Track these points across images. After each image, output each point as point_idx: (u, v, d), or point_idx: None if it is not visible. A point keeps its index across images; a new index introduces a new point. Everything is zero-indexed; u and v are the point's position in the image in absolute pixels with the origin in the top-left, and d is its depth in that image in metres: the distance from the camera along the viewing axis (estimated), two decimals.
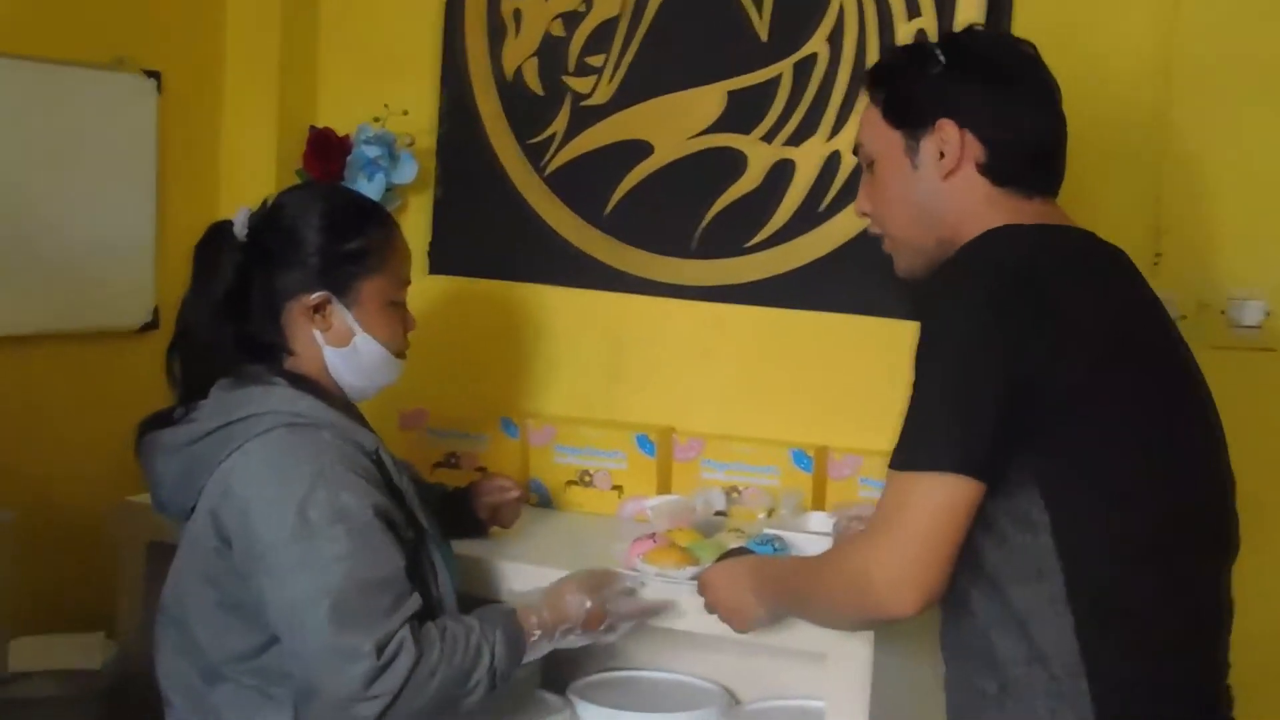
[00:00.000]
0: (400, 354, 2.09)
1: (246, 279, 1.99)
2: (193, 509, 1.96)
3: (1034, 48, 1.83)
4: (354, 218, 2.05)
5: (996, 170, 1.77)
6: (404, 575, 1.88)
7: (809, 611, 1.84)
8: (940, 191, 1.79)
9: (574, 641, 2.03)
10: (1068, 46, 2.40)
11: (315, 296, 2.00)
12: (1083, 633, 1.59)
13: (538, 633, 1.97)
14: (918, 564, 1.56)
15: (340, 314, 2.02)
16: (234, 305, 1.99)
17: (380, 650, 1.81)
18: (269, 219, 2.04)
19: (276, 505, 1.86)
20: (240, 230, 2.02)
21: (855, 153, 1.92)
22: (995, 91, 1.78)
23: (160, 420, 2.02)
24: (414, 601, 1.88)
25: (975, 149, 1.76)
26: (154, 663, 2.05)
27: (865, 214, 1.92)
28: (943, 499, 1.56)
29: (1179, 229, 2.36)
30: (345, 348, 2.02)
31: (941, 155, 1.77)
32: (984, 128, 1.76)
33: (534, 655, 1.99)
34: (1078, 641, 1.59)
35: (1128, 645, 1.61)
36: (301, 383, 1.99)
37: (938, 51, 1.80)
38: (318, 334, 2.02)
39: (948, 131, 1.77)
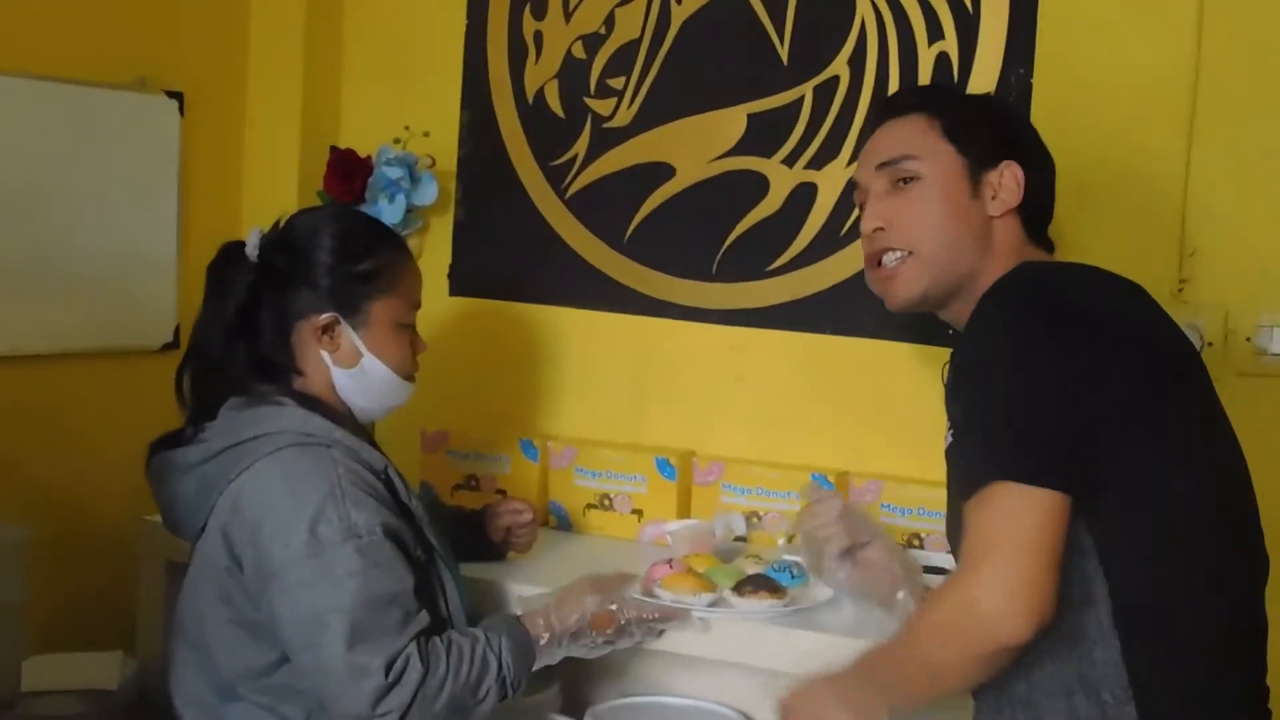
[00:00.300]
0: (409, 377, 2.10)
1: (257, 299, 2.01)
2: (203, 528, 1.97)
3: None
4: (364, 239, 2.07)
5: (1030, 217, 1.84)
6: (412, 593, 1.90)
7: (915, 683, 1.65)
8: (987, 227, 1.82)
9: (588, 648, 2.04)
10: (1091, 68, 2.40)
11: (324, 317, 2.02)
12: (1129, 656, 1.57)
13: (545, 636, 1.98)
14: (1027, 585, 1.50)
15: (348, 335, 2.03)
16: (245, 325, 2.01)
17: (389, 668, 1.82)
18: (280, 240, 2.06)
19: (288, 523, 1.87)
20: (252, 251, 2.03)
21: (881, 167, 1.87)
22: (1038, 146, 1.89)
23: (171, 441, 2.04)
24: (422, 619, 1.89)
25: (1019, 195, 1.83)
26: (169, 681, 2.05)
27: (882, 228, 1.87)
28: (1040, 515, 1.52)
29: (1203, 255, 2.33)
30: (353, 369, 2.04)
31: (994, 195, 1.82)
32: (1031, 176, 1.84)
33: (546, 660, 2.00)
34: (1125, 667, 1.58)
35: (1175, 667, 1.59)
36: (311, 402, 2.00)
37: (988, 98, 1.91)
38: (325, 355, 2.03)
39: (1013, 173, 1.83)
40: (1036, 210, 1.86)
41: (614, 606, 2.04)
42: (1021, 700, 1.64)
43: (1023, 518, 1.51)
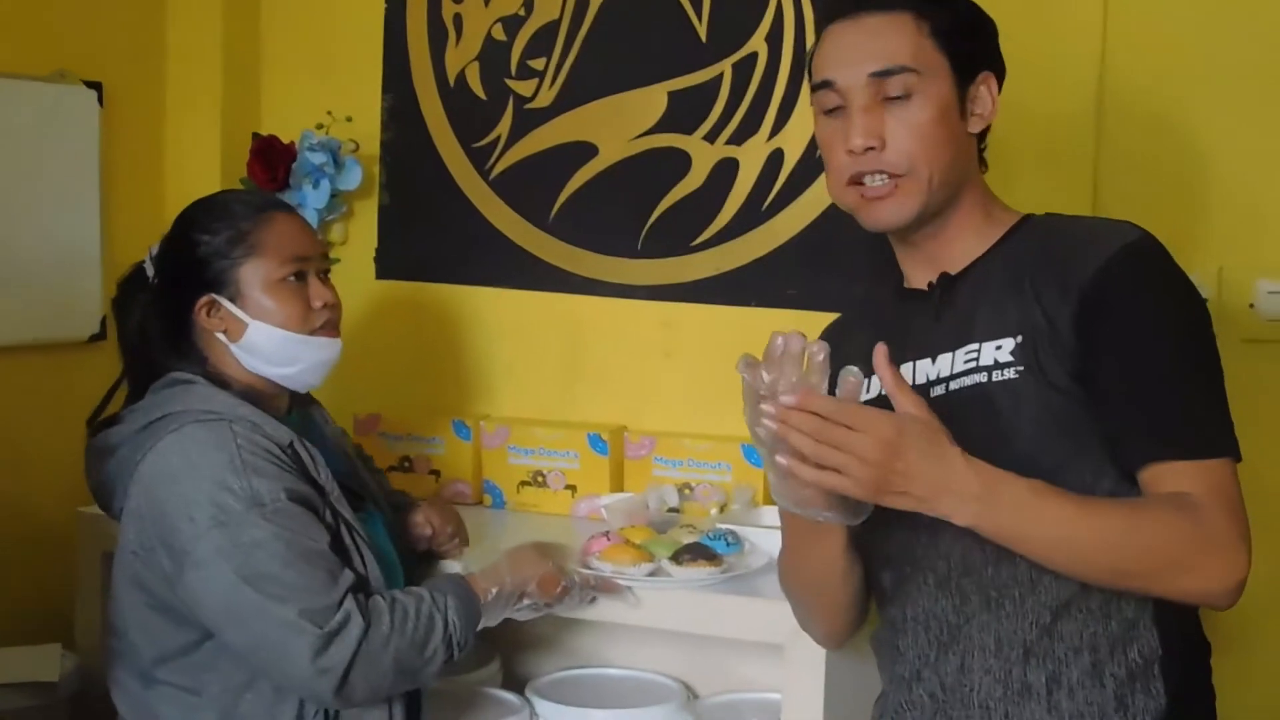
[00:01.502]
0: (310, 331, 2.05)
1: (150, 314, 2.07)
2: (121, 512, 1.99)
3: None
4: (220, 213, 2.07)
5: (984, 134, 1.75)
6: (332, 552, 1.90)
7: (1089, 537, 1.52)
8: (968, 144, 1.72)
9: (528, 610, 2.05)
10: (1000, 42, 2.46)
11: (202, 300, 2.03)
12: (1160, 613, 1.60)
13: (494, 590, 1.98)
14: (1249, 562, 1.53)
15: (228, 309, 2.03)
16: (146, 342, 2.08)
17: (319, 622, 1.82)
18: (164, 246, 2.10)
19: (190, 498, 1.88)
20: (150, 270, 2.09)
21: (876, 76, 1.65)
22: (999, 53, 1.76)
23: (106, 424, 2.05)
24: (349, 574, 1.90)
25: (994, 112, 1.73)
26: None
27: (874, 147, 1.67)
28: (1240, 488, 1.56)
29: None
30: (243, 340, 2.03)
31: (974, 111, 1.71)
32: (999, 85, 1.74)
33: (490, 619, 1.99)
34: (1156, 626, 1.60)
35: (1200, 632, 1.66)
36: (221, 381, 2.02)
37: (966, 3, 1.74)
38: (221, 337, 2.04)
39: (991, 85, 1.72)
40: (988, 127, 1.75)
41: (560, 571, 2.06)
42: (1041, 654, 1.61)
43: (1243, 498, 1.55)
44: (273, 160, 2.87)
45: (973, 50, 1.71)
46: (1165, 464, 1.54)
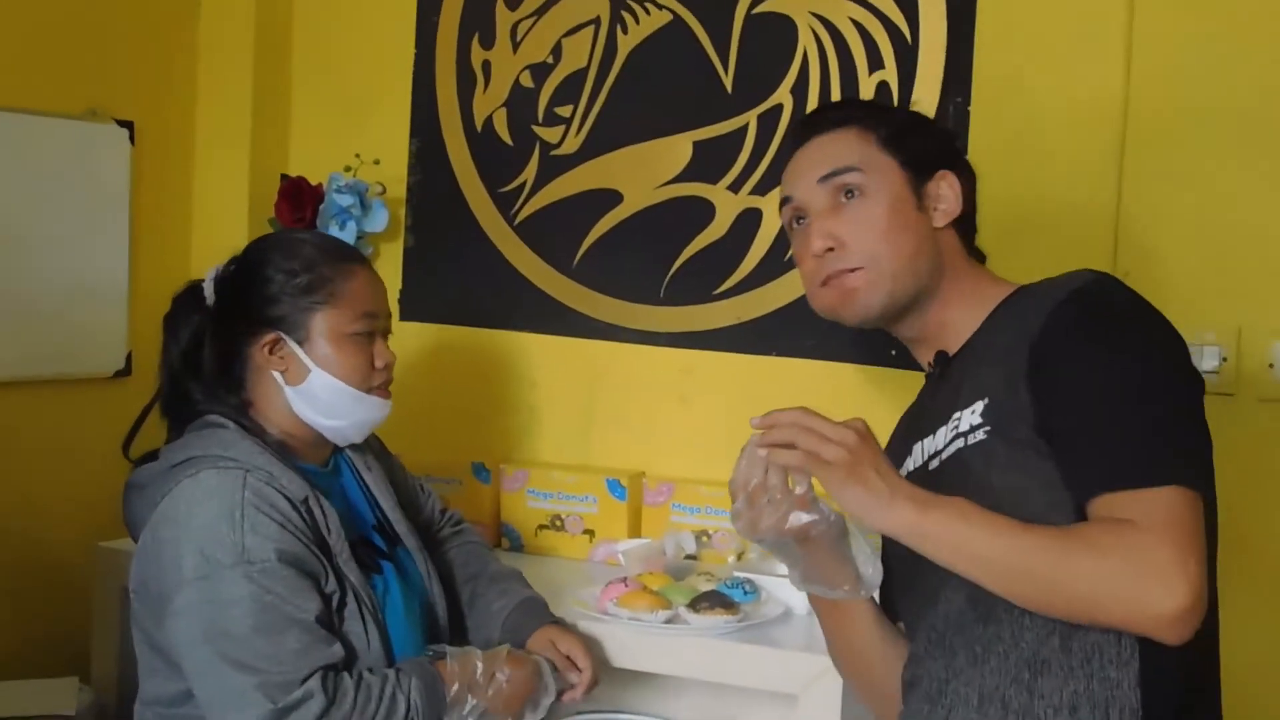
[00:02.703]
0: (368, 389, 2.04)
1: (203, 338, 2.02)
2: None
3: None
4: (302, 255, 2.04)
5: (966, 227, 1.82)
6: (317, 623, 1.86)
7: (1015, 557, 1.53)
8: (933, 240, 1.78)
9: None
10: (1026, 96, 2.48)
11: (268, 337, 2.01)
12: (1146, 677, 1.57)
13: (456, 685, 1.94)
14: (1204, 598, 1.47)
15: (293, 351, 2.01)
16: (192, 367, 2.03)
17: (274, 696, 1.80)
18: (230, 273, 2.07)
19: (184, 545, 1.86)
20: (209, 294, 2.05)
21: (824, 179, 1.77)
22: (962, 157, 1.87)
23: (144, 460, 2.04)
24: (330, 651, 1.86)
25: (961, 203, 1.80)
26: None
27: (835, 245, 1.76)
28: (1201, 520, 1.51)
29: (1136, 278, 2.41)
30: (301, 385, 2.01)
31: (935, 206, 1.78)
32: (965, 185, 1.81)
33: (456, 711, 1.94)
34: (1140, 688, 1.56)
35: (1189, 695, 1.60)
36: (252, 429, 2.00)
37: (912, 110, 1.86)
38: (277, 376, 2.01)
39: (951, 181, 1.79)
40: (970, 221, 1.84)
41: (535, 674, 2.03)
42: (1020, 711, 1.60)
43: (1200, 526, 1.50)
44: (300, 201, 2.90)
45: (924, 149, 1.81)
46: (1109, 495, 1.52)
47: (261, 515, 1.87)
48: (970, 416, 1.67)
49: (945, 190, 1.79)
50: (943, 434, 1.71)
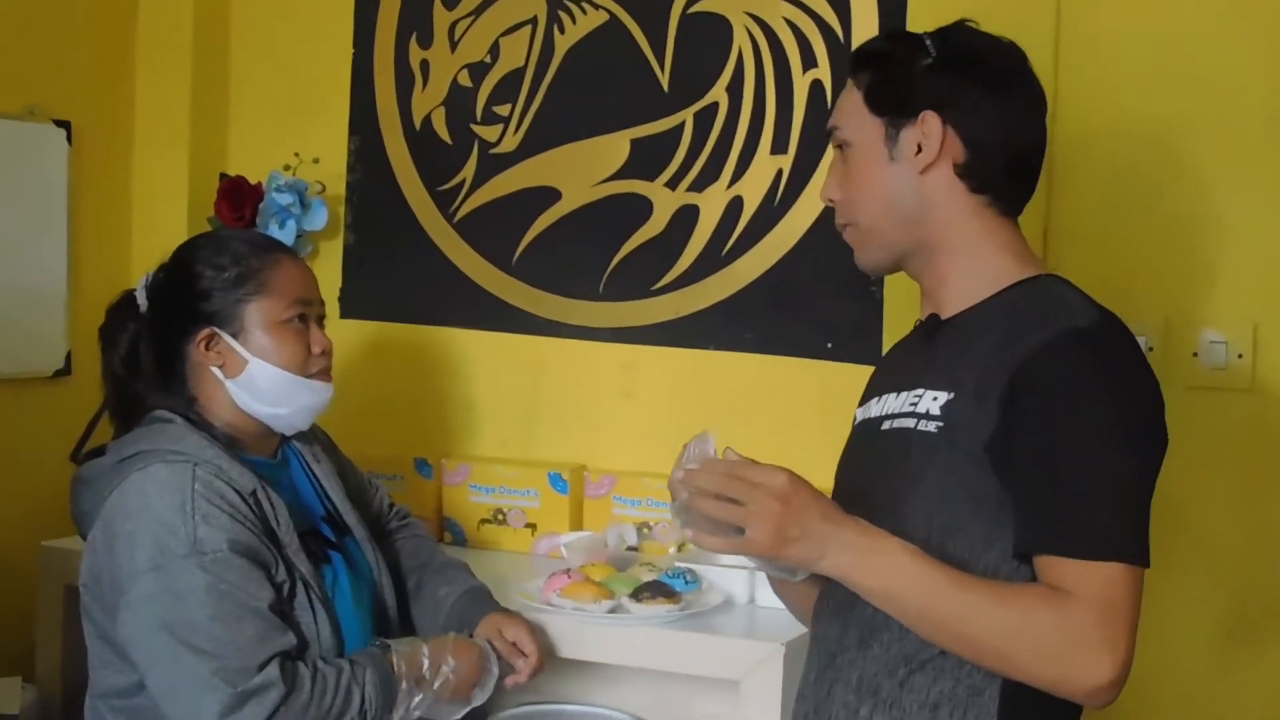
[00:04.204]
0: (308, 374, 2.06)
1: (139, 344, 2.05)
2: None
3: (1024, 55, 1.78)
4: (228, 250, 2.07)
5: (974, 174, 1.72)
6: (270, 611, 1.88)
7: (942, 615, 1.57)
8: (917, 187, 1.72)
9: (445, 708, 2.03)
10: None
11: (202, 333, 2.02)
12: (1007, 689, 1.60)
13: (404, 683, 1.96)
14: (1126, 663, 1.51)
15: (229, 344, 2.02)
16: (133, 372, 2.05)
17: (233, 681, 1.81)
18: (161, 277, 2.09)
19: (136, 537, 1.87)
20: (141, 298, 2.07)
21: (829, 135, 1.80)
22: (985, 91, 1.72)
23: (91, 455, 2.05)
24: (286, 639, 1.88)
25: (956, 148, 1.71)
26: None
27: (832, 201, 1.80)
28: (1139, 595, 1.54)
29: (1066, 269, 2.48)
30: (241, 377, 2.02)
31: (919, 149, 1.71)
32: (969, 127, 1.71)
33: (404, 704, 1.96)
34: (1000, 698, 1.61)
35: (1046, 711, 1.63)
36: (199, 423, 2.01)
37: (928, 42, 1.74)
38: (217, 372, 2.03)
39: (930, 124, 1.70)
40: (978, 163, 1.71)
41: (483, 657, 2.06)
42: (889, 701, 1.65)
43: (1137, 602, 1.53)
44: (240, 200, 2.90)
45: (903, 93, 1.73)
46: (1054, 558, 1.54)
47: (212, 506, 1.89)
48: (931, 402, 1.67)
49: (924, 134, 1.71)
50: (904, 398, 1.72)
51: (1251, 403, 2.40)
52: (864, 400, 1.88)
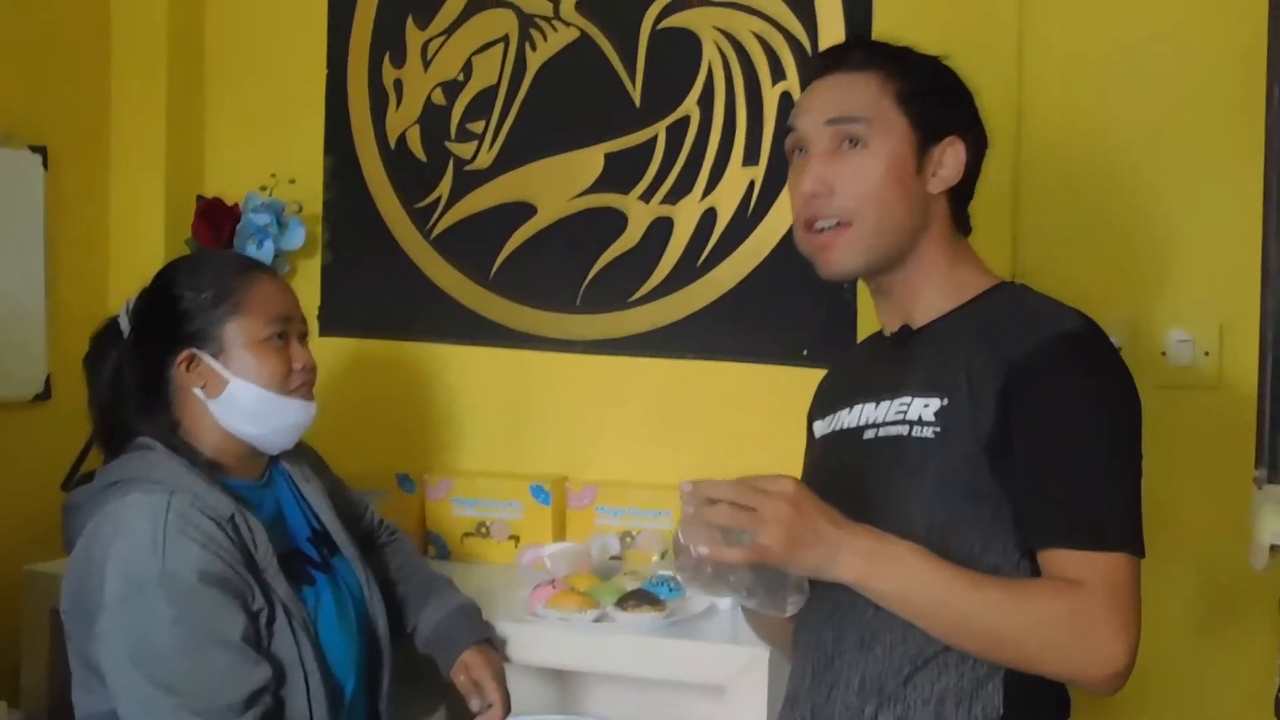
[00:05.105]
0: (288, 391, 2.07)
1: (122, 367, 2.06)
2: None
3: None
4: (206, 271, 2.08)
5: (961, 198, 1.81)
6: (244, 643, 1.88)
7: (960, 610, 1.60)
8: (925, 204, 1.77)
9: None
10: None
11: (183, 355, 2.03)
12: (1010, 679, 1.65)
13: None
14: (1136, 649, 1.58)
15: (209, 364, 2.03)
16: (119, 397, 2.06)
17: (202, 715, 1.82)
18: (142, 301, 2.10)
19: (108, 566, 1.87)
20: (124, 323, 2.08)
21: (830, 123, 1.77)
22: (978, 123, 1.83)
23: (81, 481, 2.06)
24: (256, 673, 1.88)
25: (962, 172, 1.79)
26: None
27: (825, 190, 1.76)
28: (1139, 583, 1.61)
29: (1036, 274, 2.52)
30: (222, 397, 2.03)
31: (935, 172, 1.77)
32: (972, 155, 1.80)
33: None
34: (1004, 689, 1.65)
35: (1048, 701, 1.69)
36: (182, 448, 2.02)
37: (946, 69, 1.83)
38: (199, 392, 2.04)
39: (958, 149, 1.77)
40: (965, 188, 1.82)
41: None
42: (893, 697, 1.68)
43: (1139, 591, 1.60)
44: (218, 221, 2.92)
45: (938, 113, 1.78)
46: (1061, 550, 1.60)
47: (184, 537, 1.88)
48: (923, 409, 1.70)
49: (949, 157, 1.78)
50: (886, 408, 1.75)
51: (1219, 399, 2.44)
52: (826, 411, 1.91)
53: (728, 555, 1.58)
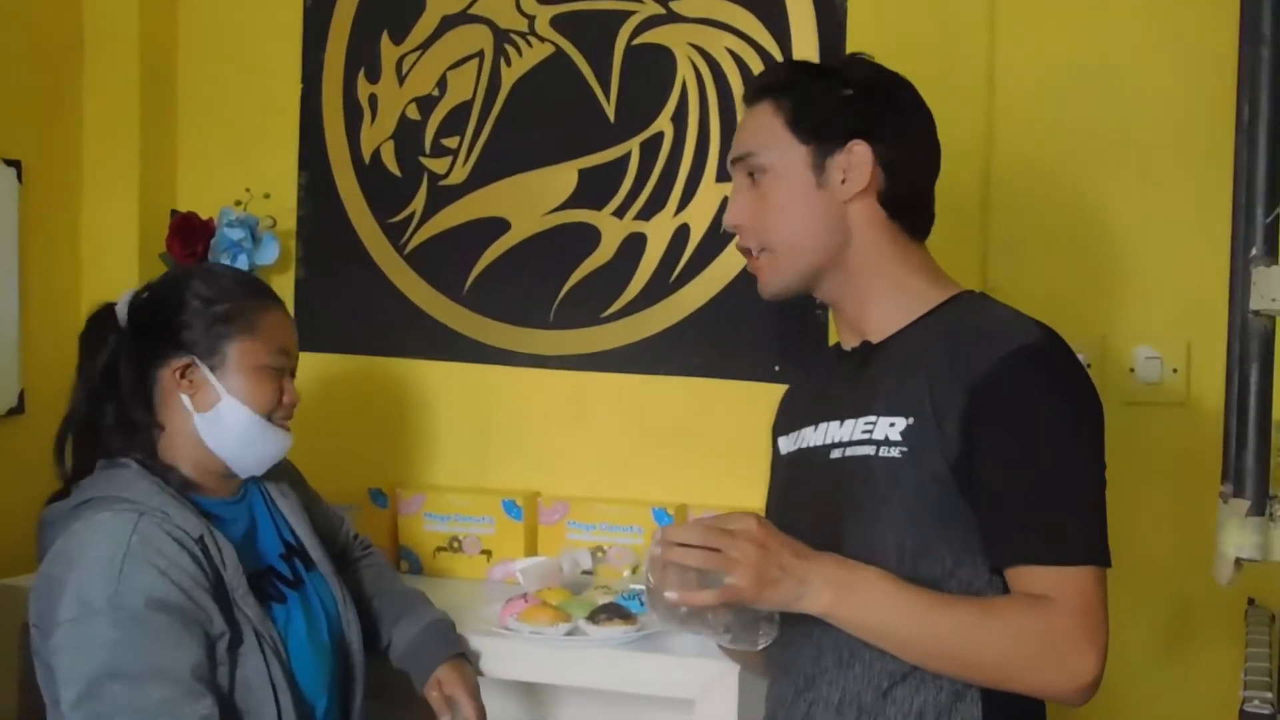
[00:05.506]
0: (274, 421, 2.08)
1: (119, 359, 2.04)
2: None
3: (911, 84, 1.86)
4: (223, 285, 2.08)
5: (893, 201, 1.79)
6: (190, 674, 1.85)
7: (935, 635, 1.63)
8: (840, 214, 1.78)
9: None
10: None
11: (181, 360, 2.03)
12: (987, 694, 1.67)
13: None
14: (1105, 660, 1.59)
15: (206, 377, 2.03)
16: (110, 385, 2.04)
17: None
18: (146, 298, 2.10)
19: (65, 586, 1.86)
20: (122, 314, 2.07)
21: (735, 162, 1.83)
22: (902, 120, 1.81)
23: (57, 496, 2.05)
24: (194, 708, 1.84)
25: (878, 176, 1.77)
26: None
27: (737, 226, 1.83)
28: (1106, 595, 1.62)
29: (1005, 290, 2.53)
30: (210, 412, 2.03)
31: (844, 179, 1.77)
32: (890, 155, 1.77)
33: None
34: (981, 703, 1.67)
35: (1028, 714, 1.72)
36: (157, 466, 2.01)
37: (848, 72, 1.82)
38: (186, 400, 2.03)
39: (859, 153, 1.76)
40: (897, 189, 1.79)
41: None
42: (873, 713, 1.69)
43: (1106, 602, 1.62)
44: (191, 236, 2.91)
45: (832, 122, 1.78)
46: (1028, 567, 1.62)
47: (143, 562, 1.87)
48: (889, 429, 1.71)
49: (853, 161, 1.77)
50: (851, 427, 1.76)
51: (1186, 416, 2.47)
52: (790, 428, 1.92)
53: (700, 599, 1.60)
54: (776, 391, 2.59)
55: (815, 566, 1.61)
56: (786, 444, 1.92)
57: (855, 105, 1.79)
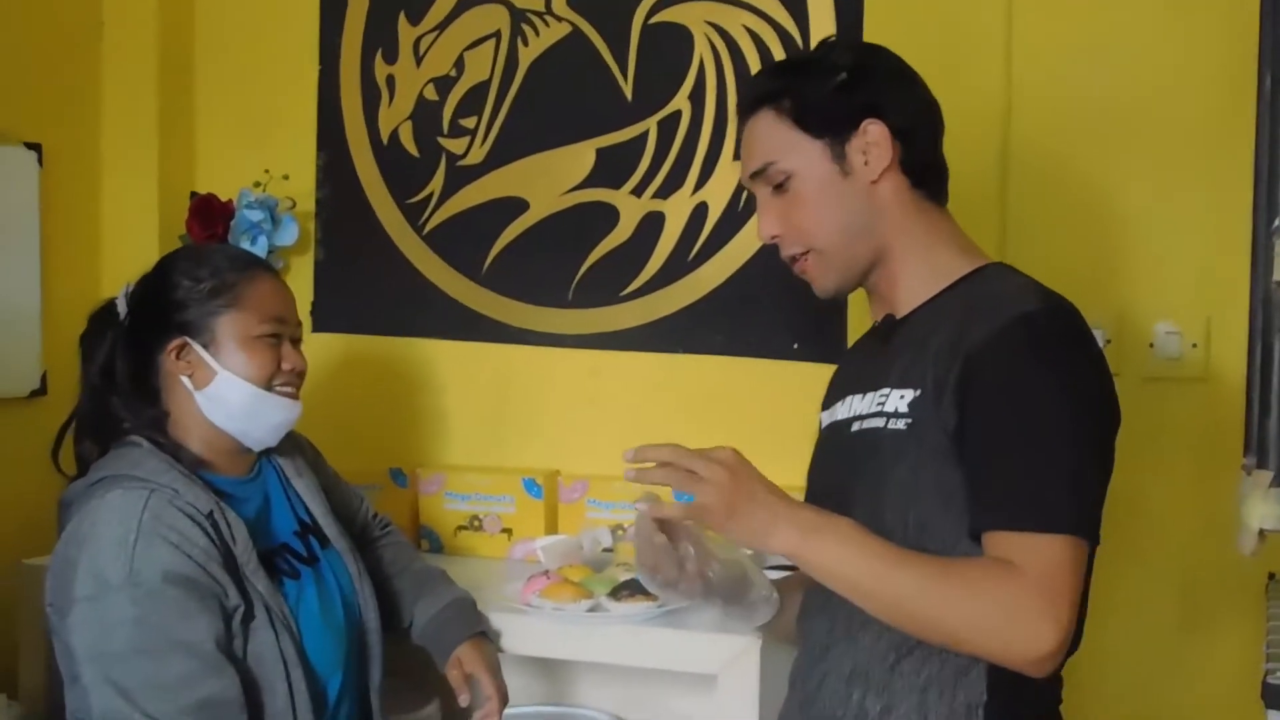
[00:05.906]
0: (275, 389, 2.07)
1: (116, 352, 2.06)
2: None
3: (888, 49, 1.87)
4: (208, 263, 2.09)
5: (913, 166, 1.80)
6: (212, 647, 1.87)
7: (893, 588, 1.61)
8: (871, 197, 1.79)
9: None
10: None
11: (174, 342, 2.04)
12: (993, 668, 1.65)
13: None
14: (1070, 636, 1.56)
15: (199, 354, 2.04)
16: (111, 381, 2.06)
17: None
18: (141, 288, 2.12)
19: (80, 564, 1.88)
20: (122, 309, 2.09)
21: (754, 176, 1.83)
22: (901, 86, 1.83)
23: (77, 476, 2.06)
24: (218, 683, 1.86)
25: (895, 147, 1.78)
26: None
27: (775, 237, 1.84)
28: (1083, 568, 1.59)
29: (1024, 266, 2.53)
30: (209, 389, 2.03)
31: (866, 160, 1.77)
32: (901, 122, 1.78)
33: None
34: (986, 677, 1.66)
35: (1030, 690, 1.67)
36: (166, 444, 2.02)
37: (831, 59, 1.82)
38: (186, 381, 2.04)
39: (874, 131, 1.77)
40: (914, 154, 1.80)
41: None
42: (880, 686, 1.70)
43: (1080, 574, 1.57)
44: (211, 218, 2.93)
45: (839, 110, 1.79)
46: (1000, 532, 1.59)
47: (156, 536, 1.88)
48: (899, 401, 1.71)
49: (871, 141, 1.77)
50: (870, 400, 1.76)
51: (1206, 391, 2.46)
52: (828, 404, 1.93)
53: (666, 513, 1.67)
54: (795, 369, 2.62)
55: (787, 507, 1.63)
56: (825, 419, 1.94)
57: (854, 87, 1.80)
